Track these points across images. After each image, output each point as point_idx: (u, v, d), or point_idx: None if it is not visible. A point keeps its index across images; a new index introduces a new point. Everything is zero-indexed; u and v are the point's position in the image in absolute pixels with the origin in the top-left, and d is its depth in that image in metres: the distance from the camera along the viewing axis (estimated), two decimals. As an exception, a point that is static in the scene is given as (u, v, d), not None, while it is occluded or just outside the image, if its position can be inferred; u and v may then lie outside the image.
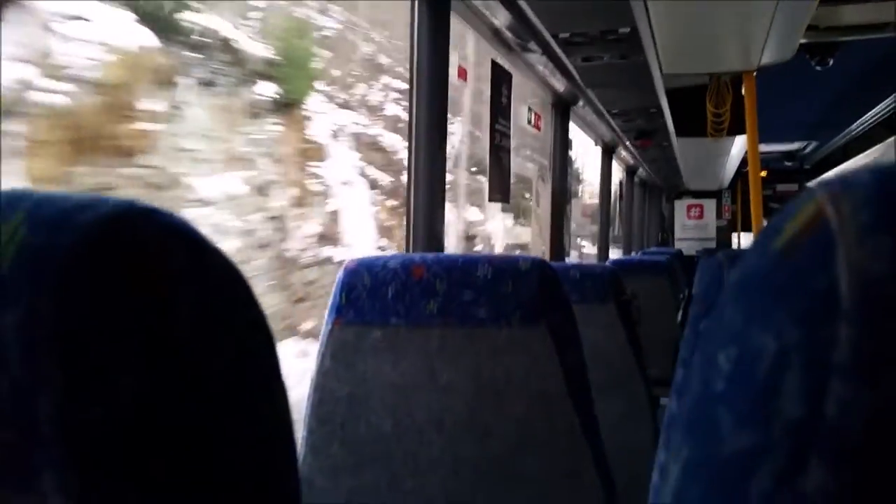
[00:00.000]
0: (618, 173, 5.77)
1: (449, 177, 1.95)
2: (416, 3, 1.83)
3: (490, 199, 2.43)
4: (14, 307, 0.25)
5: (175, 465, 0.27)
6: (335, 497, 1.04)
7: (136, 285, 0.26)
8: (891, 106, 4.67)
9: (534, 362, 0.99)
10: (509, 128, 2.53)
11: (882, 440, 0.17)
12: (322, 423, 1.04)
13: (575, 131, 3.82)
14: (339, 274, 1.08)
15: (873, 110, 4.96)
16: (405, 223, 1.91)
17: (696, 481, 0.21)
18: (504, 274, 1.02)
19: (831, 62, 3.37)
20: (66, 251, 0.26)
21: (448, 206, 1.94)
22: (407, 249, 1.89)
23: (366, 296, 1.05)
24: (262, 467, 0.30)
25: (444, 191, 1.90)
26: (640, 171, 6.33)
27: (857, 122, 5.47)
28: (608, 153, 4.66)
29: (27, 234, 0.26)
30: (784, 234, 0.21)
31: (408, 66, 1.90)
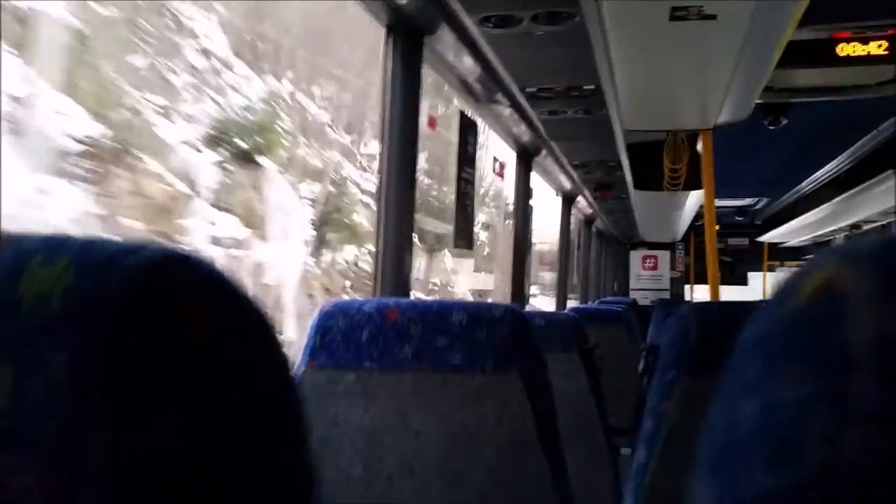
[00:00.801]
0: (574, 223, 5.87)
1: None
2: (389, 51, 1.88)
3: (455, 246, 2.46)
4: (62, 348, 0.26)
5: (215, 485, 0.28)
6: None
7: (179, 329, 0.28)
8: (839, 165, 4.85)
9: (506, 409, 1.00)
10: (474, 176, 2.57)
11: None
12: None
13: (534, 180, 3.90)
14: (314, 316, 1.08)
15: (823, 169, 5.14)
16: (373, 266, 1.93)
17: None
18: (478, 320, 1.04)
19: (784, 122, 3.51)
20: (115, 293, 0.27)
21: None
22: (374, 293, 1.90)
23: (340, 339, 1.06)
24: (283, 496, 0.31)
25: (411, 235, 1.92)
26: (598, 222, 6.45)
27: (807, 180, 5.67)
28: (568, 203, 4.75)
29: (75, 275, 0.27)
30: (800, 294, 0.23)
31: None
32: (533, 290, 7.58)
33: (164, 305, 0.28)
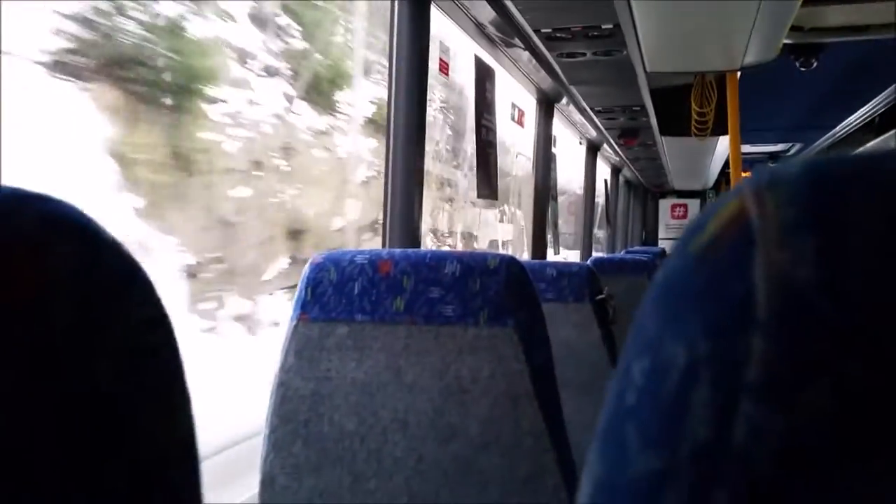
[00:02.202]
0: (603, 173, 5.77)
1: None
2: (397, -5, 1.81)
3: (479, 196, 2.41)
4: None
5: (66, 474, 0.25)
6: (297, 496, 1.02)
7: (4, 284, 0.24)
8: (873, 109, 4.68)
9: (500, 361, 0.97)
10: (494, 123, 2.51)
11: (794, 471, 0.15)
12: (285, 421, 1.02)
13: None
14: (305, 268, 1.05)
15: (857, 113, 4.97)
16: (381, 218, 1.89)
17: (601, 501, 0.19)
18: (472, 271, 1.00)
19: (815, 64, 3.37)
20: None
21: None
22: (383, 244, 1.87)
23: (331, 291, 1.03)
24: (157, 480, 0.28)
25: (422, 186, 1.88)
26: (625, 171, 6.33)
27: (841, 124, 5.49)
28: (593, 151, 4.65)
29: None
30: (704, 234, 0.19)
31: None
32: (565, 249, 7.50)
33: None
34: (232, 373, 1.95)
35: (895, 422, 0.15)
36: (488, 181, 2.45)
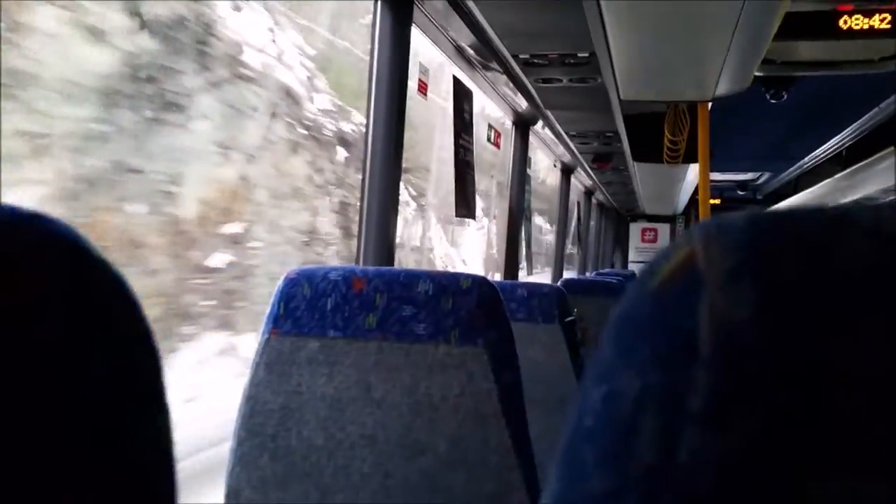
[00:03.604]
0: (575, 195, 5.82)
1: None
2: (378, 13, 1.83)
3: (457, 215, 2.43)
4: None
5: (44, 487, 0.26)
6: None
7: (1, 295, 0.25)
8: (841, 141, 4.80)
9: (469, 380, 0.99)
10: (472, 144, 2.54)
11: (734, 491, 0.17)
12: (252, 434, 1.03)
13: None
14: (279, 283, 1.06)
15: (825, 145, 5.09)
16: (357, 234, 1.90)
17: None
18: (444, 290, 1.02)
19: (785, 96, 3.45)
20: None
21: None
22: (357, 261, 1.88)
23: (304, 307, 1.04)
24: (138, 491, 0.29)
25: (397, 202, 1.89)
26: (598, 194, 6.40)
27: (809, 155, 5.61)
28: (567, 174, 4.71)
29: None
30: (659, 275, 0.21)
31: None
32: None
33: None
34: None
35: (820, 444, 0.17)
36: (466, 201, 2.48)
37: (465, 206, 2.46)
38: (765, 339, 0.18)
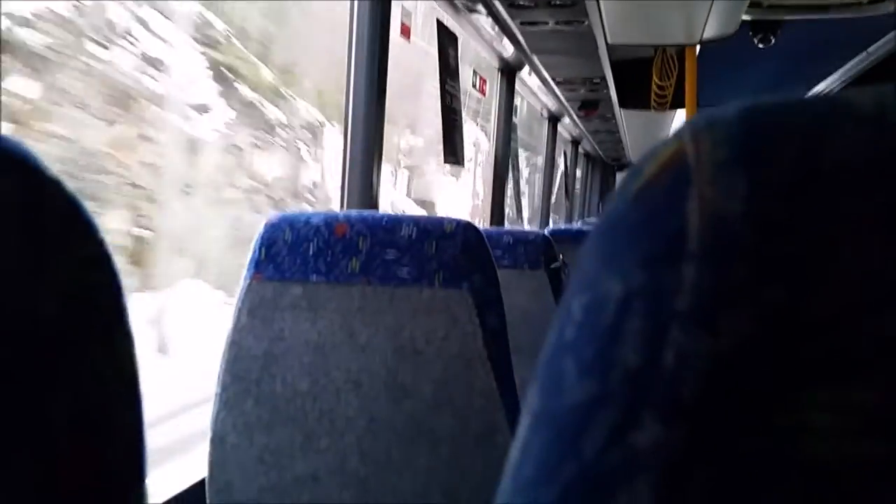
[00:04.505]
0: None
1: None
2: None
3: (445, 162, 2.41)
4: None
5: (6, 409, 0.25)
6: (248, 454, 1.02)
7: None
8: (829, 86, 4.78)
9: (454, 323, 0.98)
10: (458, 90, 2.50)
11: (718, 392, 0.16)
12: (236, 379, 1.02)
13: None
14: (260, 228, 1.05)
15: (814, 90, 5.07)
16: (340, 180, 1.88)
17: (539, 433, 0.20)
18: (428, 234, 1.00)
19: (773, 40, 3.41)
20: None
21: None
22: (341, 206, 1.86)
23: (286, 252, 1.02)
24: (100, 418, 0.28)
25: (381, 148, 1.87)
26: (584, 143, 6.37)
27: (797, 101, 5.58)
28: (553, 122, 4.67)
29: None
30: (643, 176, 0.20)
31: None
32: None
33: None
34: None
35: (809, 347, 0.16)
36: (454, 148, 2.45)
37: (452, 153, 2.43)
38: (755, 234, 0.17)
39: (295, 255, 1.02)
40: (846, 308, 0.16)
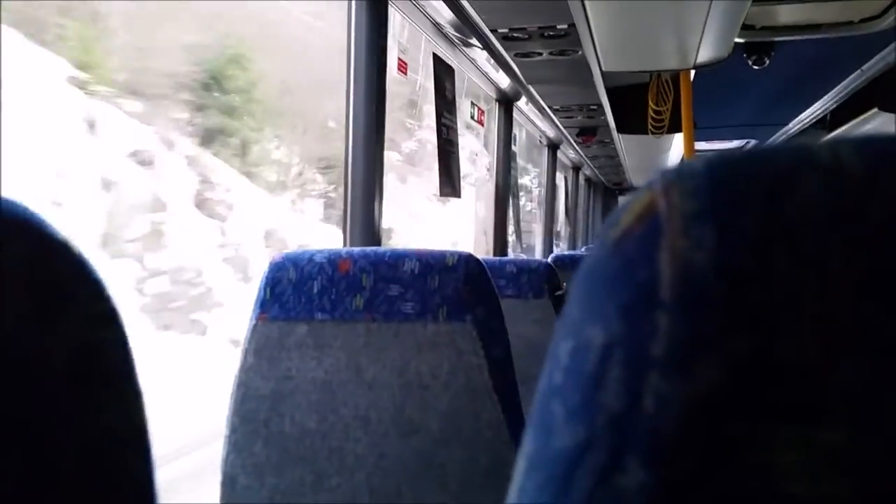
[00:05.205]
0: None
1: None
2: (354, -5, 1.81)
3: (441, 195, 2.42)
4: None
5: (10, 471, 0.25)
6: (259, 496, 1.02)
7: None
8: (825, 106, 4.80)
9: (459, 357, 0.98)
10: (455, 122, 2.52)
11: (697, 435, 0.17)
12: (245, 421, 1.02)
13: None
14: (264, 268, 1.05)
15: (809, 109, 5.09)
16: (342, 218, 1.89)
17: (533, 476, 0.21)
18: (431, 268, 1.01)
19: (767, 62, 3.44)
20: None
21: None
22: (344, 244, 1.87)
23: (291, 291, 1.03)
24: (109, 472, 0.29)
25: (381, 184, 1.89)
26: (585, 168, 6.40)
27: (794, 120, 5.61)
28: (552, 149, 4.70)
29: None
30: (620, 225, 0.21)
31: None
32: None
33: None
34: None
35: (776, 389, 0.17)
36: (450, 179, 2.46)
37: (449, 185, 2.45)
38: (724, 284, 0.18)
39: (300, 294, 1.03)
40: (812, 354, 0.17)
